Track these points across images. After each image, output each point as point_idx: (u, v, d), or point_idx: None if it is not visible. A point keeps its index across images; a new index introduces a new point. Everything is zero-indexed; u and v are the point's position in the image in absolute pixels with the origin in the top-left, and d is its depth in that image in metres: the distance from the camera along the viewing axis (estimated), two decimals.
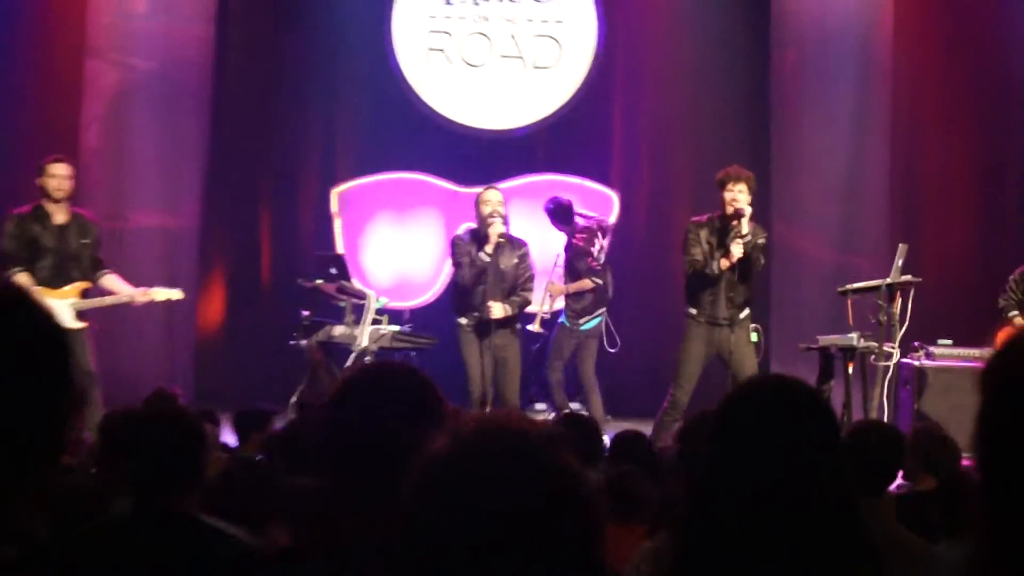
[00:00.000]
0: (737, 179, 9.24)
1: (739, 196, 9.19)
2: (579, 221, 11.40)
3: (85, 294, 9.57)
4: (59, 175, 9.47)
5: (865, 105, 12.57)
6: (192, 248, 12.79)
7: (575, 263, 11.30)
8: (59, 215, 9.48)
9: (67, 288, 9.42)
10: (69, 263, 9.46)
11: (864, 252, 12.23)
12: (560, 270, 11.39)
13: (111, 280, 9.63)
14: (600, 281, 11.23)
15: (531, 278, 9.84)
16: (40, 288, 9.25)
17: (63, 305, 9.28)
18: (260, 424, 6.68)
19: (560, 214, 11.36)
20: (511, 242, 9.78)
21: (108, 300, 9.59)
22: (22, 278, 9.28)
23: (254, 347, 12.85)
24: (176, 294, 9.82)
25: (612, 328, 11.39)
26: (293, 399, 10.51)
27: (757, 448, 2.47)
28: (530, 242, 10.08)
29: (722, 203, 9.28)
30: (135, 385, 9.87)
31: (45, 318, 1.88)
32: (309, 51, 13.25)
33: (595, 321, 11.23)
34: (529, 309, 10.41)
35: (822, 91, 12.57)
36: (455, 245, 9.91)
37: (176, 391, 7.17)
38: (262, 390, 11.81)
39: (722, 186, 9.27)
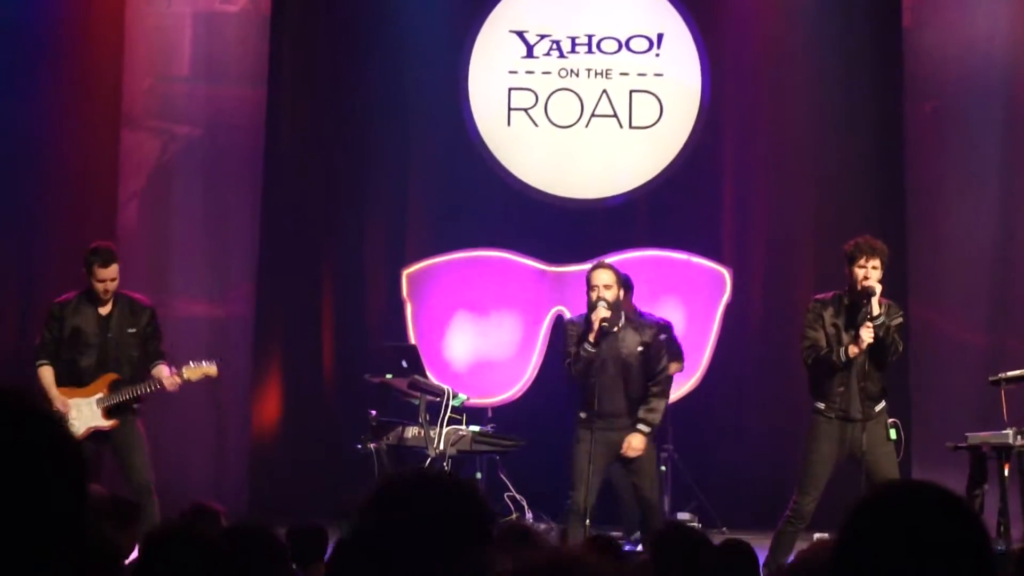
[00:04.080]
0: (872, 253, 9.05)
1: (872, 273, 9.04)
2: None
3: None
4: (105, 279, 9.55)
5: (1016, 163, 12.44)
6: (244, 340, 12.84)
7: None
8: (104, 305, 9.59)
9: (97, 383, 9.50)
10: (111, 357, 9.55)
11: (1019, 334, 12.05)
12: None
13: (156, 370, 9.66)
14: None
15: (664, 369, 9.70)
16: (72, 387, 9.44)
17: (89, 403, 9.39)
18: (320, 546, 6.54)
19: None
20: (635, 324, 9.64)
21: (138, 389, 9.59)
22: (45, 372, 9.53)
23: (315, 451, 12.83)
24: (212, 369, 9.81)
25: None
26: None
27: None
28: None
29: (850, 279, 9.13)
30: (178, 496, 9.87)
31: (34, 426, 1.92)
32: (374, 114, 13.31)
33: None
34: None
35: (965, 148, 12.47)
36: (564, 331, 9.82)
37: (218, 507, 7.03)
38: (323, 500, 11.80)
39: (852, 260, 9.09)
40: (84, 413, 9.41)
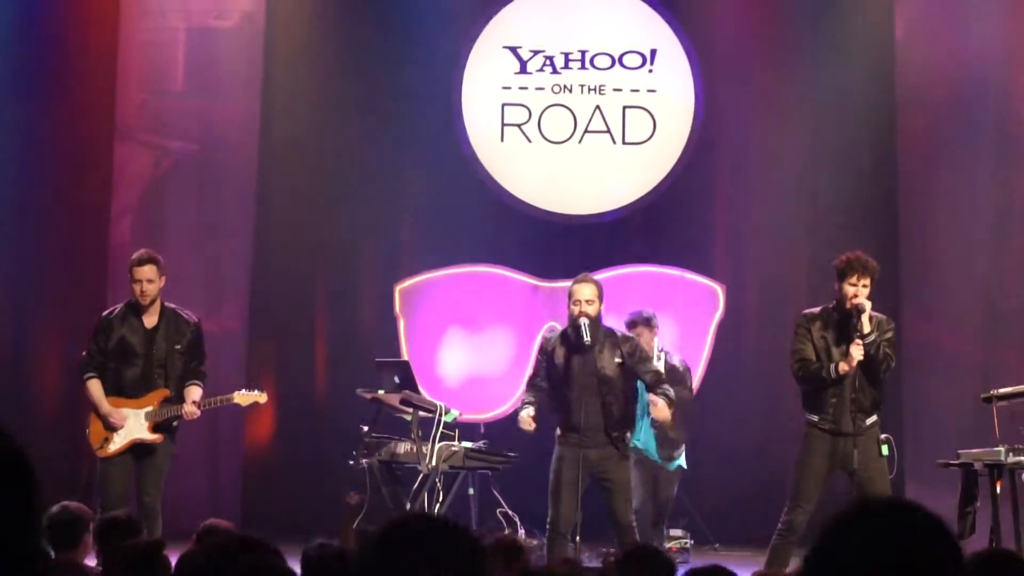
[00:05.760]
0: (863, 271, 9.03)
1: (862, 291, 9.03)
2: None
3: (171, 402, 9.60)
4: (141, 279, 9.58)
5: (1008, 176, 12.45)
6: (237, 355, 12.83)
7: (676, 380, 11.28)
8: (150, 317, 9.61)
9: (148, 396, 9.52)
10: (155, 370, 9.56)
11: (1012, 349, 12.05)
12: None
13: (190, 391, 9.65)
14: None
15: (653, 370, 9.65)
16: (119, 397, 9.51)
17: (137, 415, 9.44)
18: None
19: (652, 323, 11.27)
20: (612, 338, 9.56)
21: (177, 410, 9.58)
22: (94, 385, 9.55)
23: (308, 466, 12.83)
24: (262, 397, 9.94)
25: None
26: (353, 527, 10.47)
27: None
28: None
29: (839, 295, 9.13)
30: (173, 511, 9.87)
31: None
32: (367, 130, 13.31)
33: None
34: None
35: (958, 161, 12.49)
36: (541, 344, 9.84)
37: (224, 524, 7.00)
38: (316, 515, 11.81)
39: (843, 277, 9.08)
40: (131, 425, 9.45)
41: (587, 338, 9.26)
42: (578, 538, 9.22)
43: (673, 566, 5.42)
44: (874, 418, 9.20)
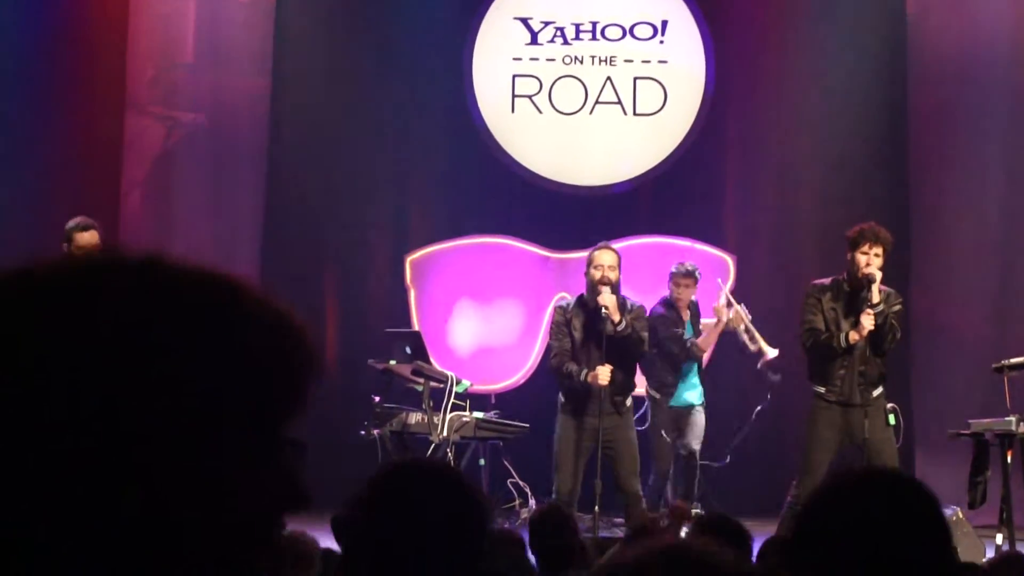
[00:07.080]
0: (875, 240, 9.01)
1: (874, 260, 9.02)
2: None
3: None
4: (84, 247, 9.20)
5: (1020, 151, 12.42)
6: None
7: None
8: None
9: None
10: None
11: (1022, 321, 12.04)
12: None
13: None
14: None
15: (644, 340, 9.65)
16: None
17: None
18: None
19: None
20: (625, 306, 9.54)
21: None
22: None
23: (318, 437, 12.80)
24: None
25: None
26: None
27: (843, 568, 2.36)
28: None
29: (851, 265, 9.11)
30: None
31: None
32: (377, 101, 13.30)
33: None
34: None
35: (969, 136, 12.46)
36: (553, 313, 9.82)
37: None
38: (326, 487, 11.81)
39: (855, 246, 9.07)
40: None
41: (616, 318, 9.28)
42: (596, 508, 9.21)
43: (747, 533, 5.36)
44: (880, 390, 9.21)
